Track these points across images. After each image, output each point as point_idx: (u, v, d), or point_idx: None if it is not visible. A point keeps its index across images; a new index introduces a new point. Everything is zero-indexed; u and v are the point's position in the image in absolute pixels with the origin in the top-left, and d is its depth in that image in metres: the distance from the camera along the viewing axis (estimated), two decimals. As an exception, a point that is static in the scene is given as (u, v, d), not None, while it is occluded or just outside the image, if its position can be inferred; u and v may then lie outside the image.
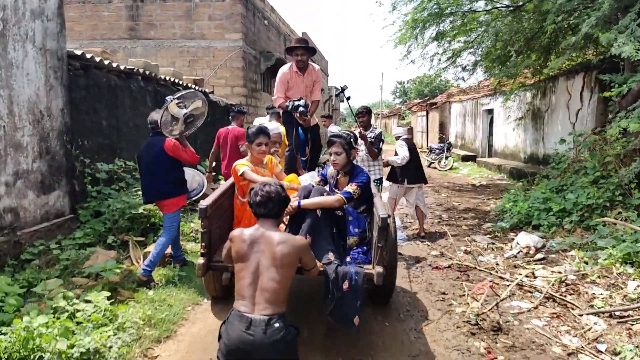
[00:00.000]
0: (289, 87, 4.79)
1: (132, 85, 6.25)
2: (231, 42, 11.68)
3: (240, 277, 2.18)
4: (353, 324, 2.81)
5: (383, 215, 2.90)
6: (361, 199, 3.38)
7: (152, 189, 4.17)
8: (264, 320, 2.04)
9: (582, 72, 9.17)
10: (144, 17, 12.29)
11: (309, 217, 3.11)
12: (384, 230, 2.91)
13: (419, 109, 26.16)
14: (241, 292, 2.14)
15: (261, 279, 2.14)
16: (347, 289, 2.82)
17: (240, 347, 2.02)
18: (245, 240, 2.23)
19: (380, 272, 2.95)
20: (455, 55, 11.10)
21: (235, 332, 2.04)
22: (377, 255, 2.99)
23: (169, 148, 4.09)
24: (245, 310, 2.08)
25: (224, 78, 11.82)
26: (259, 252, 2.20)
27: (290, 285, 2.24)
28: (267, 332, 2.02)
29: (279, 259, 2.17)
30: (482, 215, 7.53)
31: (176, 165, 4.21)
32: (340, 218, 3.31)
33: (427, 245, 5.84)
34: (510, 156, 13.28)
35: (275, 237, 2.24)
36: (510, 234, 6.01)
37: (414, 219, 7.16)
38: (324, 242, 3.06)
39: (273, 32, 14.90)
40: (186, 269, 4.59)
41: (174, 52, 12.13)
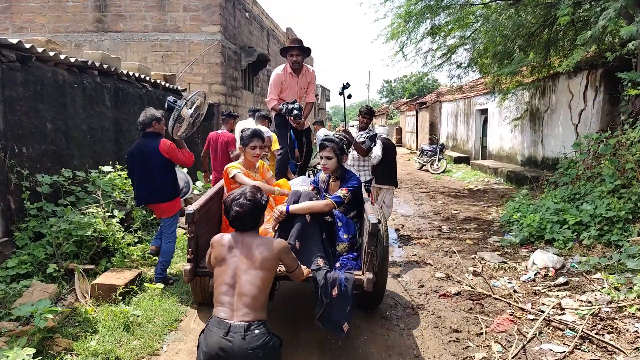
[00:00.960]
0: (282, 89, 4.68)
1: (85, 81, 5.36)
2: (209, 35, 10.79)
3: (219, 283, 2.13)
4: (342, 330, 2.77)
5: (374, 220, 2.83)
6: (352, 203, 3.34)
7: (147, 192, 4.05)
8: (243, 327, 2.00)
9: (586, 70, 8.58)
10: (112, 7, 11.32)
11: (298, 222, 3.07)
12: (374, 236, 2.85)
13: (408, 109, 25.56)
14: (220, 299, 2.11)
15: (239, 283, 2.10)
16: (336, 295, 2.79)
17: (218, 354, 1.97)
18: (225, 245, 2.20)
19: (370, 279, 2.86)
20: (450, 52, 10.43)
21: (213, 338, 1.99)
22: (367, 261, 2.91)
23: (164, 149, 3.96)
24: (224, 317, 2.04)
25: (200, 75, 10.93)
26: (237, 256, 2.16)
27: (268, 291, 2.18)
28: (246, 339, 1.98)
29: (259, 261, 2.14)
30: (486, 226, 6.83)
31: (171, 167, 4.11)
32: (330, 224, 3.26)
33: (430, 264, 5.10)
34: (506, 159, 12.69)
35: (254, 240, 2.21)
36: (522, 250, 5.31)
37: (411, 231, 6.47)
38: (314, 247, 3.03)
39: (255, 26, 14.03)
40: (144, 303, 3.76)
41: (145, 46, 11.19)
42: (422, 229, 6.80)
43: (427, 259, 5.33)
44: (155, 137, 4.03)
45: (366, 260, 2.93)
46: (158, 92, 7.21)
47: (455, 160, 15.71)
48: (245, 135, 3.49)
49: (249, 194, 2.24)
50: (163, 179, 4.04)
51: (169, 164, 4.07)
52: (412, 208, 8.62)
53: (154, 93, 7.00)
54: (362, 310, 3.74)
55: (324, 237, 3.16)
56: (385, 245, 3.49)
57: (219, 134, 5.75)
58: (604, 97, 8.10)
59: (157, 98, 7.11)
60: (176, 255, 4.82)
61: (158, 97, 7.13)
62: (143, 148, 4.01)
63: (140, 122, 4.10)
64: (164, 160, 3.99)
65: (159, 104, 7.15)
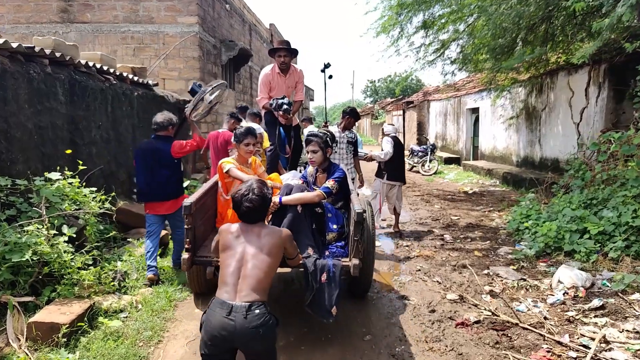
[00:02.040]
0: (271, 88, 4.86)
1: (33, 71, 4.51)
2: (185, 27, 9.94)
3: (225, 265, 2.23)
4: (331, 314, 2.92)
5: (359, 210, 3.05)
6: (339, 194, 3.54)
7: (155, 191, 4.30)
8: (245, 307, 2.08)
9: (588, 65, 8.08)
10: (80, -4, 10.36)
11: (290, 213, 3.22)
12: (359, 224, 3.06)
13: (394, 108, 25.05)
14: (224, 279, 2.19)
15: (245, 267, 2.21)
16: (325, 281, 2.94)
17: (221, 333, 2.05)
18: (233, 233, 2.32)
19: (356, 264, 3.08)
20: (444, 47, 9.84)
21: (216, 318, 2.07)
22: (354, 248, 3.12)
23: (176, 151, 4.29)
24: (227, 298, 2.12)
25: (176, 69, 10.07)
26: (245, 242, 2.28)
27: (273, 277, 2.29)
28: (247, 318, 2.05)
29: (266, 248, 2.26)
30: (492, 234, 6.23)
31: (179, 167, 4.46)
32: (320, 215, 3.41)
33: (438, 282, 4.44)
34: (500, 159, 12.20)
35: (262, 229, 2.34)
36: (540, 264, 4.70)
37: (410, 241, 5.82)
38: (304, 237, 3.17)
39: (236, 19, 13.22)
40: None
41: (115, 39, 10.27)
42: (422, 239, 6.16)
43: (434, 274, 4.67)
44: (167, 140, 4.34)
45: (353, 247, 3.13)
46: (125, 86, 6.37)
47: (445, 161, 15.19)
48: (240, 133, 3.67)
49: (257, 190, 2.33)
50: (172, 180, 4.36)
51: (178, 165, 4.44)
52: (408, 214, 7.98)
53: (119, 87, 6.17)
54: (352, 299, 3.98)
55: (314, 227, 3.32)
56: (372, 234, 3.69)
57: (219, 133, 5.75)
58: (608, 94, 7.61)
59: (124, 93, 6.28)
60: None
61: (125, 92, 6.29)
62: (156, 151, 4.29)
63: (157, 123, 4.34)
64: (175, 162, 4.37)
65: (125, 99, 6.32)
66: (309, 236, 3.21)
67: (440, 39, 9.91)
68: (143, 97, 6.85)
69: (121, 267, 4.35)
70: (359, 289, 3.91)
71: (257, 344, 2.08)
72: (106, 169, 5.80)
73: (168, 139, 4.36)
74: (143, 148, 4.43)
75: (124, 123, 6.28)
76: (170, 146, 4.28)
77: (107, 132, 5.86)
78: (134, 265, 4.45)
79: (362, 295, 4.00)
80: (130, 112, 6.44)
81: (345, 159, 5.49)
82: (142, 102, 6.83)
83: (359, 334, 3.39)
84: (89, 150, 5.46)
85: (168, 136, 4.39)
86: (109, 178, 5.87)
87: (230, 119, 5.86)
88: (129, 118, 6.41)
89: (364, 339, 3.33)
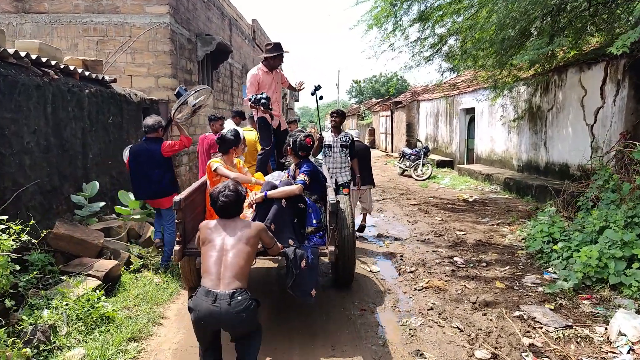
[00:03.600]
0: (260, 87, 5.10)
1: None
2: (154, 17, 8.84)
3: (208, 257, 2.49)
4: (310, 296, 3.31)
5: (333, 201, 3.46)
6: (315, 187, 3.96)
7: (150, 190, 4.73)
8: (229, 294, 2.34)
9: (604, 61, 7.31)
10: (35, -17, 9.16)
11: (274, 206, 3.54)
12: (333, 214, 3.45)
13: (382, 109, 24.22)
14: (208, 269, 2.45)
15: (226, 256, 2.46)
16: (304, 267, 3.30)
17: (208, 319, 2.36)
18: (211, 228, 2.62)
19: (332, 250, 3.46)
20: (441, 42, 8.98)
21: (203, 306, 2.34)
22: (330, 236, 3.47)
23: (166, 150, 4.65)
24: (211, 286, 2.38)
25: (145, 65, 8.95)
26: (223, 235, 2.55)
27: (251, 264, 2.63)
28: (231, 304, 2.32)
29: (244, 238, 2.56)
30: (509, 256, 5.34)
31: (170, 167, 4.81)
32: (303, 210, 3.74)
33: (459, 330, 3.51)
34: (499, 163, 11.42)
35: (238, 223, 2.66)
36: (583, 303, 3.81)
37: (415, 265, 4.91)
38: (286, 229, 3.52)
39: (215, 12, 12.14)
40: None
41: (75, 31, 9.09)
42: (428, 262, 5.24)
43: (451, 316, 3.75)
44: (157, 141, 4.68)
45: (329, 235, 3.46)
46: (72, 82, 5.28)
47: (437, 164, 14.36)
48: (228, 140, 4.04)
49: (232, 187, 2.69)
50: (164, 178, 4.70)
51: (169, 165, 4.78)
52: (406, 227, 7.07)
53: (64, 84, 5.07)
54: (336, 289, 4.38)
55: (295, 221, 3.64)
56: (352, 232, 4.00)
57: (205, 137, 5.86)
58: (628, 92, 6.83)
59: (71, 91, 5.19)
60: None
61: (72, 89, 5.20)
62: (148, 153, 4.64)
63: (148, 126, 4.69)
64: (166, 161, 4.70)
65: (72, 98, 5.23)
66: (290, 229, 3.56)
67: (438, 33, 9.06)
68: (97, 96, 5.76)
69: (47, 317, 3.30)
70: (341, 278, 4.31)
71: (241, 326, 2.39)
72: (45, 184, 4.71)
73: (158, 140, 4.70)
74: (136, 150, 4.75)
75: (71, 127, 5.19)
76: (160, 146, 4.63)
77: (47, 139, 4.77)
78: (65, 315, 3.40)
79: (346, 285, 4.39)
80: (79, 113, 5.35)
81: (340, 162, 5.75)
82: (96, 101, 5.74)
83: None
84: (20, 161, 4.37)
85: (158, 138, 4.72)
86: (49, 195, 4.78)
87: (214, 122, 5.98)
88: (77, 120, 5.32)
89: None
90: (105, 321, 3.56)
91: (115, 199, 6.02)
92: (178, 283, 4.57)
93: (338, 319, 3.75)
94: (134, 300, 4.03)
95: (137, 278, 4.48)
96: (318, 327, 3.61)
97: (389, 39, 8.57)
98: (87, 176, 5.51)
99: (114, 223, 5.22)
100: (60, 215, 4.94)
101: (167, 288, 4.39)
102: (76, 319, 3.48)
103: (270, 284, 4.80)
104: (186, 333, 3.55)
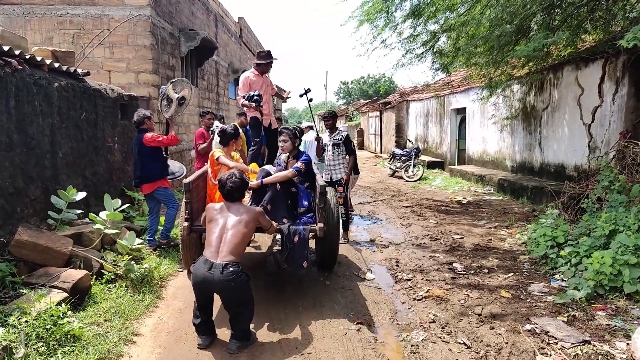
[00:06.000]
0: (251, 88, 5.62)
1: None
2: (134, 9, 8.38)
3: (211, 233, 3.01)
4: (302, 267, 3.75)
5: (322, 184, 4.00)
6: (306, 176, 4.43)
7: (135, 175, 5.19)
8: (222, 265, 2.84)
9: (602, 59, 7.12)
10: (7, -28, 8.62)
11: (269, 190, 4.04)
12: (323, 195, 3.93)
13: (371, 109, 23.98)
14: (209, 243, 2.97)
15: (226, 234, 2.97)
16: (297, 242, 3.75)
17: (203, 283, 2.87)
18: (216, 209, 3.12)
19: (321, 227, 3.92)
20: (434, 39, 8.72)
21: (200, 272, 2.86)
22: (319, 215, 3.95)
23: (147, 140, 5.02)
24: (210, 257, 2.90)
25: (124, 60, 8.49)
26: (226, 216, 3.05)
27: (246, 243, 3.13)
28: (223, 273, 2.82)
29: (244, 221, 3.03)
30: (511, 261, 5.06)
31: (155, 156, 5.14)
32: (295, 194, 4.24)
33: (466, 346, 3.18)
34: (491, 164, 11.21)
35: (240, 207, 3.14)
36: (598, 314, 3.52)
37: (412, 272, 4.59)
38: (281, 210, 4.00)
39: (199, 7, 11.70)
40: None
41: (50, 23, 8.59)
42: (426, 268, 4.93)
43: (456, 330, 3.42)
44: (142, 132, 5.08)
45: (318, 214, 3.97)
46: (39, 74, 4.82)
47: (428, 165, 14.12)
48: (229, 134, 4.65)
49: (238, 174, 3.20)
50: (146, 166, 5.06)
51: (154, 154, 5.11)
52: (400, 231, 6.76)
53: (29, 76, 4.62)
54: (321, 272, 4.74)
55: (289, 203, 4.16)
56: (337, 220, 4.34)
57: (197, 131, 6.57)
58: (628, 90, 6.64)
59: (37, 83, 4.73)
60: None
61: (38, 81, 4.75)
62: (137, 141, 5.10)
63: (135, 121, 5.15)
64: (149, 150, 5.05)
65: (39, 92, 4.78)
66: (284, 209, 4.02)
67: (430, 30, 8.79)
68: (67, 90, 5.31)
69: (1, 337, 2.88)
70: (326, 262, 4.64)
71: (230, 293, 2.88)
72: (6, 186, 4.25)
73: (147, 131, 5.10)
74: (132, 140, 5.41)
75: (37, 123, 4.74)
76: (143, 135, 5.02)
77: (9, 136, 4.31)
78: (22, 334, 2.98)
79: (329, 267, 4.74)
80: (47, 108, 4.90)
81: (333, 160, 5.94)
82: (67, 95, 5.29)
83: None
84: (-24, 161, 3.92)
85: (147, 129, 5.11)
86: (12, 198, 4.33)
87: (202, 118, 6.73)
88: (44, 116, 4.86)
89: None
90: (70, 340, 3.15)
91: (89, 202, 5.58)
92: (155, 294, 4.16)
93: (334, 334, 3.40)
94: (105, 314, 3.62)
95: (109, 289, 4.06)
96: (313, 346, 3.25)
97: (380, 35, 8.27)
98: (56, 177, 5.05)
99: (86, 228, 4.77)
100: (26, 220, 4.49)
101: (142, 300, 3.98)
102: (36, 338, 3.06)
103: (270, 301, 4.41)
104: (162, 353, 3.16)
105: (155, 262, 4.83)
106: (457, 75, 13.22)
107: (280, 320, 3.66)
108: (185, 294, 4.20)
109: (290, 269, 3.78)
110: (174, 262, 5.01)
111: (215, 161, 4.48)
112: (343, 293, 4.24)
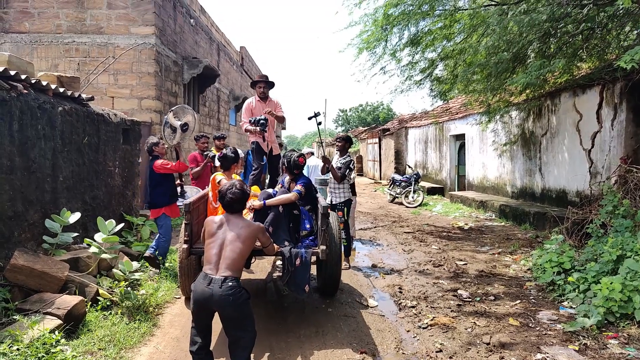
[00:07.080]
0: (253, 114, 5.70)
1: None
2: (139, 38, 8.56)
3: (209, 248, 2.93)
4: (304, 291, 3.72)
5: (324, 205, 3.94)
6: (308, 198, 4.41)
7: (146, 200, 5.88)
8: (221, 279, 2.77)
9: (599, 85, 7.23)
10: (16, 2, 8.88)
11: (272, 212, 4.09)
12: (325, 216, 3.91)
13: (370, 136, 24.19)
14: (208, 259, 2.89)
15: (225, 250, 2.89)
16: (299, 264, 3.73)
17: (202, 298, 2.77)
18: (216, 223, 3.02)
19: (324, 249, 3.86)
20: (432, 66, 8.88)
21: (199, 287, 2.79)
22: (321, 237, 3.88)
23: (157, 167, 5.20)
24: (209, 272, 2.82)
25: (128, 87, 8.60)
26: (226, 231, 2.96)
27: (245, 258, 3.01)
28: (222, 288, 2.74)
29: (242, 237, 2.94)
30: (517, 288, 4.95)
31: (164, 181, 5.30)
32: (297, 216, 4.24)
33: (475, 376, 3.06)
34: (492, 190, 11.20)
35: (240, 221, 3.03)
36: (609, 342, 3.42)
37: (416, 299, 4.48)
38: (282, 233, 4.03)
39: (202, 36, 11.96)
40: None
41: (56, 51, 8.76)
42: (430, 295, 4.81)
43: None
44: (156, 158, 5.27)
45: (320, 237, 3.90)
46: (44, 98, 4.86)
47: (428, 191, 14.11)
48: (230, 158, 4.66)
49: (238, 185, 3.09)
50: (155, 191, 5.27)
51: (163, 181, 5.27)
52: (402, 257, 6.66)
53: (34, 100, 4.65)
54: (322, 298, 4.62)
55: (291, 225, 4.16)
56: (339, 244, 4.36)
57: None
58: (627, 116, 6.71)
59: (41, 107, 4.76)
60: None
61: (42, 105, 4.77)
62: (148, 167, 5.34)
63: (146, 150, 5.34)
64: (158, 176, 5.24)
65: (42, 115, 4.80)
66: (286, 232, 4.04)
67: (428, 57, 8.96)
68: (71, 114, 5.34)
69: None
70: (328, 288, 4.52)
71: (229, 308, 2.76)
72: (6, 209, 4.20)
73: (158, 157, 5.28)
74: (146, 166, 5.74)
75: (39, 146, 4.73)
76: (154, 162, 5.23)
77: (10, 159, 4.29)
78: (13, 365, 2.86)
79: (332, 293, 4.60)
80: (49, 132, 4.91)
81: (334, 183, 5.88)
82: (70, 120, 5.31)
83: None
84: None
85: (158, 155, 5.29)
86: (11, 222, 4.26)
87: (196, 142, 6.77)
88: (47, 140, 4.86)
89: None
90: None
91: (87, 227, 5.51)
92: (151, 322, 4.03)
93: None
94: (99, 343, 3.50)
95: (105, 317, 3.94)
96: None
97: (379, 62, 8.43)
98: (56, 201, 5.00)
99: (82, 253, 4.68)
100: (23, 245, 4.41)
101: (138, 328, 3.85)
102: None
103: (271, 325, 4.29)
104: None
105: (153, 289, 4.71)
106: (456, 102, 13.40)
107: (282, 349, 3.54)
108: (183, 322, 4.08)
109: (292, 293, 3.74)
110: (172, 289, 4.89)
111: (217, 184, 4.51)
112: (346, 321, 4.12)
